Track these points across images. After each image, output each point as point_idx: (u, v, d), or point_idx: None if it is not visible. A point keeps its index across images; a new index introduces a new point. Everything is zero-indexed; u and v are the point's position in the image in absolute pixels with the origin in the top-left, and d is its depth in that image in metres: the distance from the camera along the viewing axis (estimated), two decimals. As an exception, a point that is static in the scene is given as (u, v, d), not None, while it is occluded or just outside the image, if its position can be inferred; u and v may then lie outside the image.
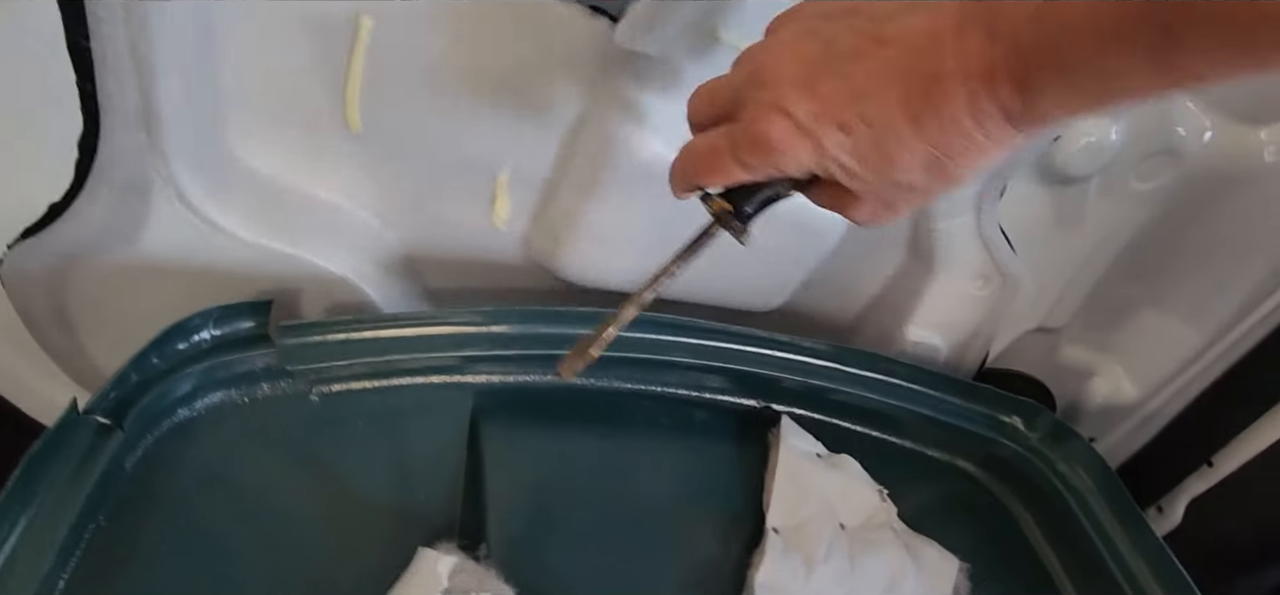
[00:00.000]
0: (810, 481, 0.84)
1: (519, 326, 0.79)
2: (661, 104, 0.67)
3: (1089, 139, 0.74)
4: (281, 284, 0.75)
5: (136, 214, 0.66)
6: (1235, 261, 0.88)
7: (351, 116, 0.69)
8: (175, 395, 0.66)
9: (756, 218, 0.51)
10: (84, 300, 0.74)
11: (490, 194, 0.76)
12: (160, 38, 0.56)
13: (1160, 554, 0.82)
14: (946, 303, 0.88)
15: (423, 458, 0.74)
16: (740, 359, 0.87)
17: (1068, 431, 0.88)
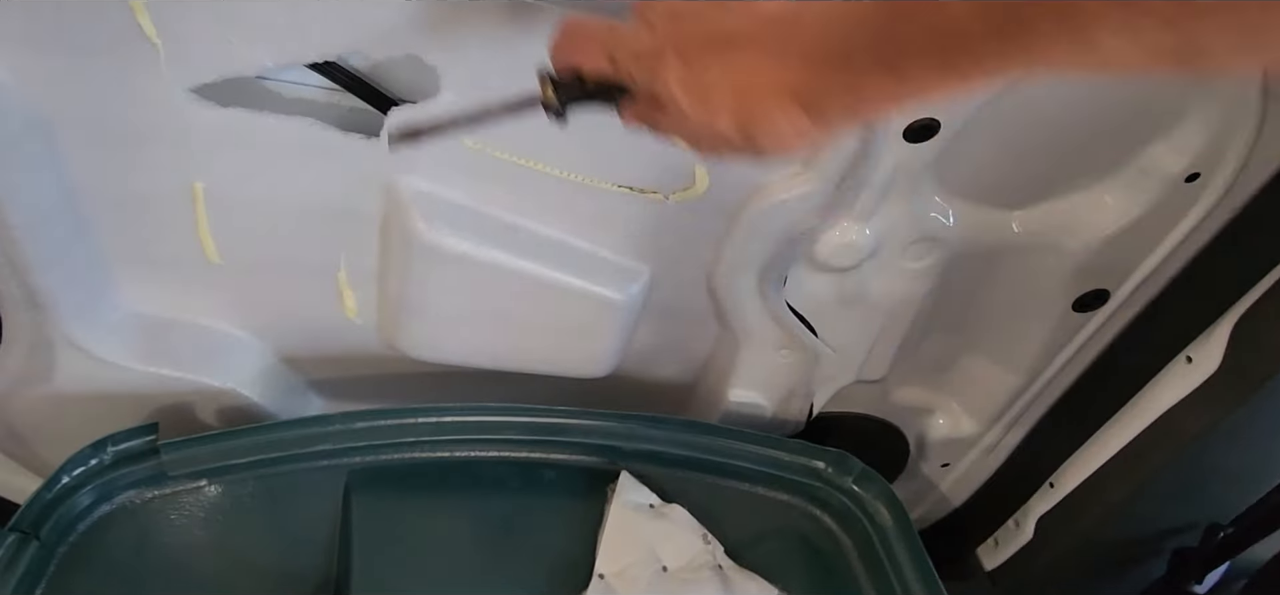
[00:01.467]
0: (637, 531, 0.97)
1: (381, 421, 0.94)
2: (436, 189, 0.80)
3: (843, 239, 0.85)
4: (176, 399, 0.91)
5: (46, 362, 0.83)
6: (1025, 315, 0.98)
7: (209, 251, 0.84)
8: (82, 507, 0.83)
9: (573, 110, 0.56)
10: (26, 421, 0.92)
11: (337, 292, 0.91)
12: (35, 255, 0.72)
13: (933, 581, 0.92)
14: (758, 369, 1.00)
15: (302, 529, 0.91)
16: (585, 431, 1.00)
17: (872, 475, 1.00)
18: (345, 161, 0.77)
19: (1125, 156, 0.79)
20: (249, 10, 0.64)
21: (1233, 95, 0.71)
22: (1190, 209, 0.80)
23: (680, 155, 0.78)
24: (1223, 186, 0.77)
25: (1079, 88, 0.72)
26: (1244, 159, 0.74)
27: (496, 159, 0.78)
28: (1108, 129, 0.76)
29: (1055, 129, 0.76)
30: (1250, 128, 0.71)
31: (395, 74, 0.75)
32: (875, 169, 0.76)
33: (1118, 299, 0.91)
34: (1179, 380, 0.94)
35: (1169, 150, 0.77)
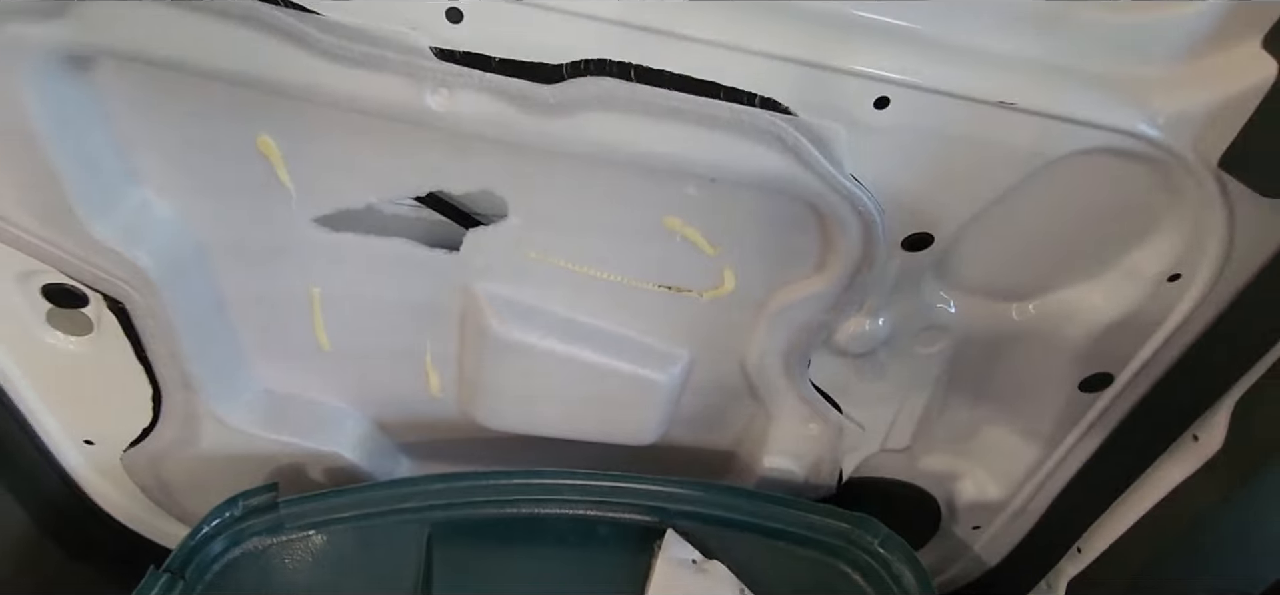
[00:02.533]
0: (680, 583, 1.09)
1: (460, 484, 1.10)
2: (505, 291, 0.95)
3: (858, 329, 0.95)
4: (292, 460, 1.09)
5: (192, 431, 1.02)
6: (1036, 392, 1.05)
7: (321, 340, 1.02)
8: (216, 552, 1.01)
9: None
10: (175, 477, 1.11)
11: (424, 373, 1.07)
12: (189, 352, 0.91)
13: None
14: (789, 440, 1.11)
15: (392, 573, 1.06)
16: (634, 494, 1.13)
17: (896, 539, 1.08)
18: (432, 270, 0.93)
19: (1109, 260, 0.88)
20: (358, 164, 0.81)
21: (1199, 203, 0.79)
22: (1176, 305, 0.87)
23: (711, 261, 0.92)
24: (1205, 284, 0.84)
25: (1061, 200, 0.82)
26: (1221, 259, 0.82)
27: (556, 266, 0.93)
28: (1091, 236, 0.85)
29: (1042, 237, 0.86)
30: (1221, 232, 0.79)
31: (472, 198, 0.91)
32: (880, 273, 0.87)
33: (1121, 382, 0.98)
34: (1187, 457, 1.00)
35: (1149, 255, 0.85)
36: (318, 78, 0.67)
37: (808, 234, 0.86)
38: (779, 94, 0.69)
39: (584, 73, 0.67)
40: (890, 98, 0.69)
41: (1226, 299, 0.87)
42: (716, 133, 0.71)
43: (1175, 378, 0.96)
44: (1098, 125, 0.71)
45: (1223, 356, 0.92)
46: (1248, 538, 1.03)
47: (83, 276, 0.81)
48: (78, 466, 1.10)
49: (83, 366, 0.94)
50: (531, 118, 0.70)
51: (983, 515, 1.25)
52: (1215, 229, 0.79)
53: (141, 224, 0.81)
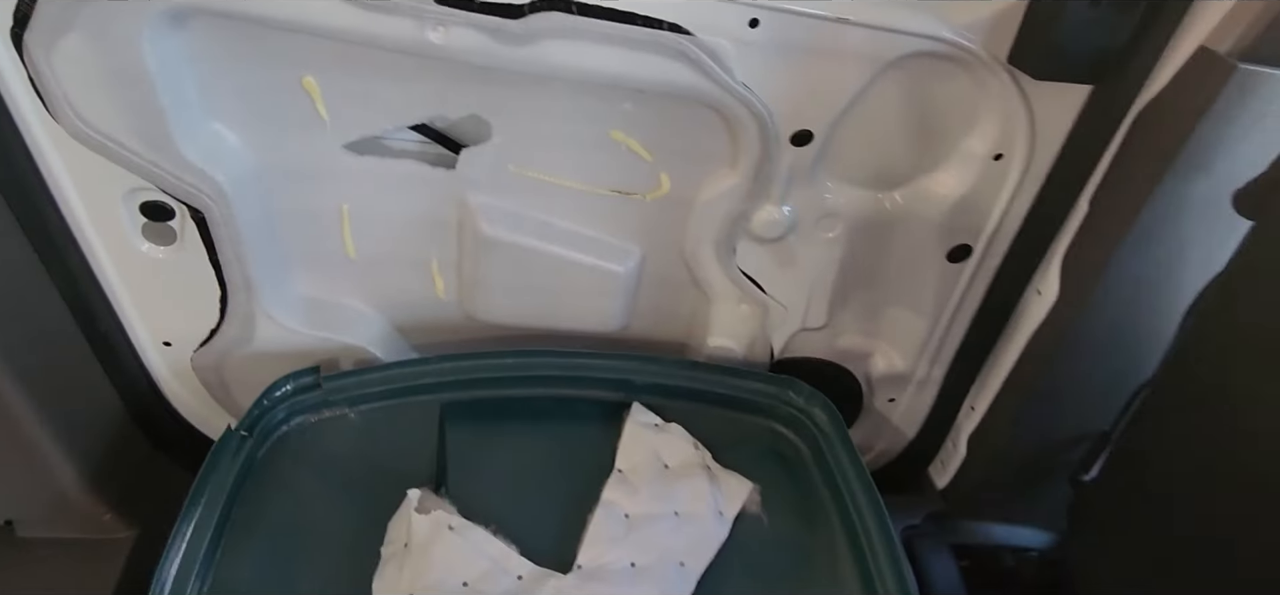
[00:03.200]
0: (645, 441, 1.35)
1: (464, 363, 1.36)
2: (492, 200, 1.21)
3: (769, 217, 1.22)
4: (330, 353, 1.36)
5: (249, 330, 1.29)
6: (917, 268, 1.32)
7: (349, 249, 1.28)
8: (278, 418, 1.27)
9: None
10: (233, 374, 1.38)
11: (431, 278, 1.34)
12: (250, 256, 1.17)
13: (862, 472, 1.26)
14: (728, 321, 1.38)
15: (414, 443, 1.32)
16: (604, 370, 1.39)
17: (814, 393, 1.35)
18: (435, 186, 1.20)
19: (949, 147, 1.15)
20: (379, 95, 1.08)
21: (1001, 93, 1.05)
22: (1006, 179, 1.14)
23: (650, 166, 1.18)
24: (1023, 159, 1.11)
25: (904, 99, 1.08)
26: (1029, 137, 1.08)
27: (530, 177, 1.20)
28: (932, 128, 1.12)
29: (895, 131, 1.12)
30: (1022, 114, 1.06)
31: (463, 127, 1.18)
32: (776, 167, 1.13)
33: (979, 251, 1.24)
34: (1035, 309, 1.26)
35: (976, 140, 1.12)
36: (353, 22, 0.94)
37: (719, 137, 1.13)
38: (681, 19, 0.96)
39: (540, 9, 0.94)
40: (759, 19, 0.96)
41: (1044, 170, 1.13)
42: (639, 53, 0.99)
43: (1018, 242, 1.22)
44: (914, 33, 0.98)
45: (1049, 219, 1.19)
46: (1091, 375, 1.28)
47: (175, 190, 1.08)
48: (158, 366, 1.36)
49: (168, 273, 1.21)
50: (506, 46, 0.97)
51: (895, 388, 1.51)
52: (1017, 113, 1.06)
53: (218, 149, 1.09)
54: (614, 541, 1.21)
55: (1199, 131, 0.93)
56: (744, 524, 1.27)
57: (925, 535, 1.58)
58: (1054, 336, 1.24)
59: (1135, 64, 0.97)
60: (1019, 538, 1.61)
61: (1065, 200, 1.14)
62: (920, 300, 1.35)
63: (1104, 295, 1.15)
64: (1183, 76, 0.94)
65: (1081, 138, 1.07)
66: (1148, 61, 0.96)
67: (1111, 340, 1.22)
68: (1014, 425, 1.38)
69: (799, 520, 1.30)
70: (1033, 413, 1.35)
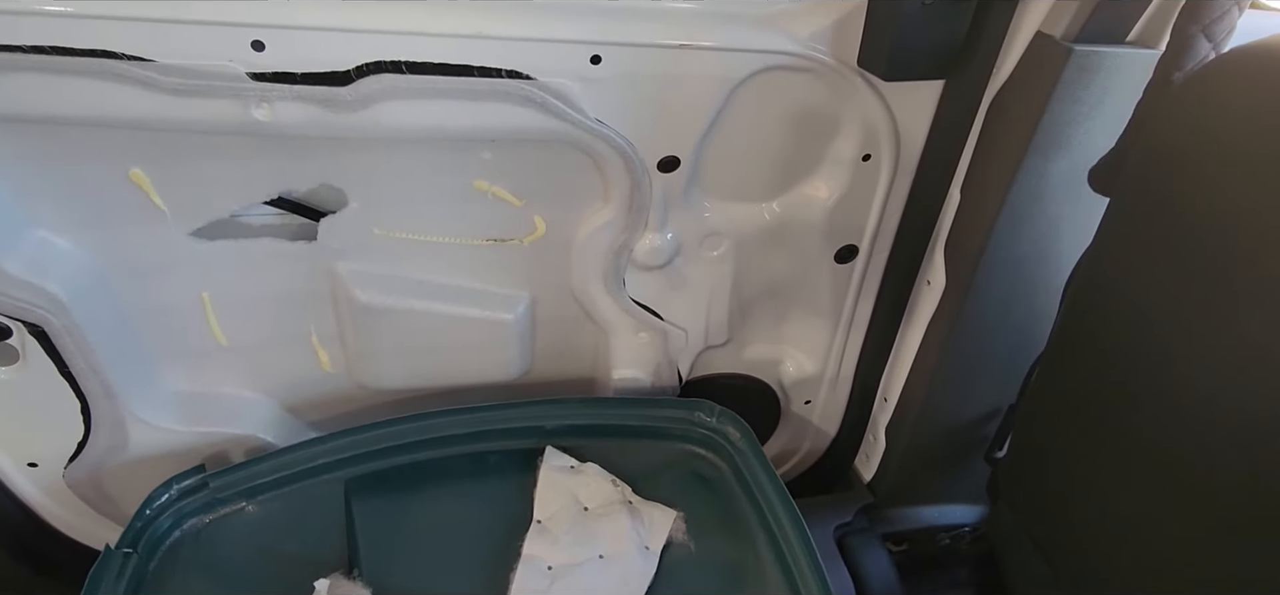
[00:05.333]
0: (561, 485, 1.31)
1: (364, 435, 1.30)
2: (362, 266, 1.16)
3: (651, 244, 1.19)
4: (216, 448, 1.28)
5: (122, 437, 1.21)
6: (809, 272, 1.31)
7: (218, 336, 1.21)
8: (164, 527, 1.19)
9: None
10: (114, 485, 1.29)
11: (313, 351, 1.27)
12: (105, 363, 1.10)
13: (777, 483, 1.24)
14: (628, 351, 1.35)
15: (319, 527, 1.25)
16: (512, 418, 1.35)
17: (726, 412, 1.33)
18: (299, 259, 1.14)
19: (818, 154, 1.14)
20: (216, 178, 1.02)
21: (856, 96, 1.04)
22: (878, 177, 1.13)
23: (521, 211, 1.14)
24: (891, 156, 1.10)
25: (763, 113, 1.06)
26: (893, 135, 1.08)
27: (398, 238, 1.15)
28: (797, 138, 1.11)
29: (761, 146, 1.11)
30: (882, 113, 1.05)
31: (320, 195, 1.12)
32: (648, 195, 1.10)
33: (865, 249, 1.23)
34: (927, 299, 1.27)
35: (843, 143, 1.11)
36: (165, 110, 0.87)
37: (587, 173, 1.10)
38: (518, 65, 0.92)
39: (368, 73, 0.89)
40: (601, 55, 0.93)
41: (913, 164, 1.13)
42: (481, 103, 0.94)
43: (901, 237, 1.22)
44: (759, 50, 0.96)
45: (927, 211, 1.19)
46: (987, 355, 1.29)
47: (4, 309, 1.00)
48: (26, 490, 1.27)
49: (16, 393, 1.12)
50: (339, 114, 0.92)
51: (809, 390, 1.50)
52: (876, 112, 1.05)
53: (46, 257, 1.01)
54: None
55: (1049, 114, 0.93)
56: (672, 553, 1.24)
57: (857, 531, 1.58)
58: (947, 322, 1.24)
59: (979, 55, 0.97)
60: (949, 516, 1.62)
61: (938, 191, 1.14)
62: (817, 303, 1.34)
63: (986, 278, 1.15)
64: (1026, 62, 0.94)
65: (943, 130, 1.06)
66: (991, 51, 0.96)
67: (1001, 320, 1.23)
68: (924, 411, 1.39)
69: (725, 540, 1.27)
70: (940, 397, 1.36)
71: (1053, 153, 0.98)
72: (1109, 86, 0.91)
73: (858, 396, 1.49)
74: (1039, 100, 0.93)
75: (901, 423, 1.45)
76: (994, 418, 1.40)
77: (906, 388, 1.39)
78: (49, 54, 0.81)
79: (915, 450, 1.47)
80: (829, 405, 1.52)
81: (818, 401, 1.51)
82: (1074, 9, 0.87)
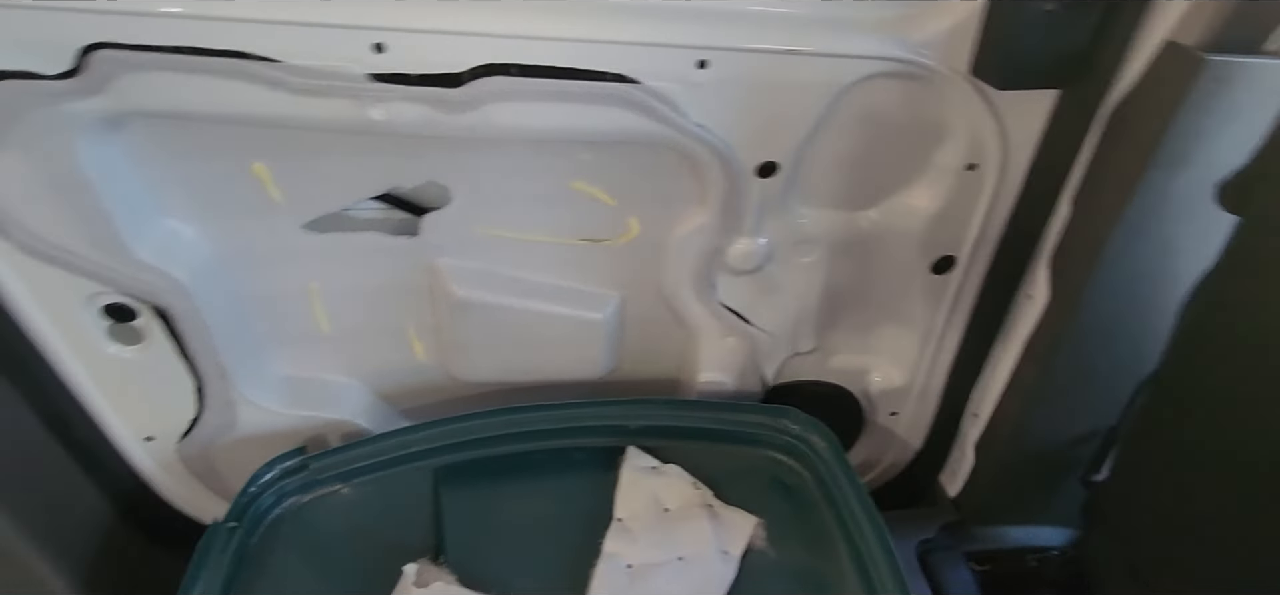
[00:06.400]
0: (643, 485, 1.32)
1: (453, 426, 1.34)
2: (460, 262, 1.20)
3: (744, 250, 1.19)
4: (316, 429, 1.34)
5: (231, 416, 1.27)
6: (903, 282, 1.28)
7: (323, 325, 1.26)
8: (267, 504, 1.25)
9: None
10: (222, 460, 1.36)
11: (409, 343, 1.31)
12: (220, 345, 1.15)
13: (862, 494, 1.22)
14: (715, 355, 1.34)
15: (408, 512, 1.29)
16: (596, 417, 1.36)
17: (811, 420, 1.31)
18: (401, 254, 1.18)
19: (920, 162, 1.11)
20: (330, 174, 1.06)
21: (965, 105, 1.01)
22: (982, 188, 1.10)
23: (615, 212, 1.15)
24: (997, 166, 1.07)
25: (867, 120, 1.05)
26: (1001, 145, 1.04)
27: (496, 235, 1.17)
28: (900, 146, 1.08)
29: (862, 153, 1.09)
30: (991, 123, 1.02)
31: (424, 192, 1.15)
32: (745, 200, 1.10)
33: (963, 261, 1.20)
34: (1028, 314, 1.22)
35: (947, 152, 1.08)
36: (289, 109, 0.91)
37: (684, 176, 1.10)
38: (625, 69, 0.93)
39: (479, 75, 0.91)
40: (708, 60, 0.93)
41: (1020, 176, 1.09)
42: (586, 105, 0.96)
43: (1003, 249, 1.18)
44: (869, 56, 0.94)
45: (1032, 224, 1.15)
46: (1090, 374, 1.24)
47: (134, 291, 1.06)
48: (143, 462, 1.35)
49: (139, 371, 1.19)
50: (449, 115, 0.95)
51: (896, 401, 1.47)
52: (986, 123, 1.02)
53: (173, 245, 1.07)
54: (619, 594, 1.19)
55: (1175, 126, 0.89)
56: (751, 560, 1.24)
57: (940, 547, 1.54)
58: (1049, 339, 1.20)
59: (1101, 63, 0.93)
60: (1038, 538, 1.57)
61: (1046, 204, 1.10)
62: (910, 314, 1.31)
63: (1095, 295, 1.11)
64: (1153, 73, 0.90)
65: (1055, 140, 1.03)
66: (1114, 60, 0.92)
67: (1107, 338, 1.18)
68: (1019, 429, 1.34)
69: (806, 550, 1.26)
70: (1036, 415, 1.31)
71: (1176, 167, 0.94)
72: (1242, 99, 0.86)
73: (946, 410, 1.45)
74: (1165, 112, 0.89)
75: (992, 439, 1.41)
76: (1092, 439, 1.35)
77: (1000, 404, 1.35)
78: (189, 54, 0.86)
79: (1006, 468, 1.43)
80: (915, 418, 1.49)
81: (904, 413, 1.48)
82: (1208, 17, 0.83)
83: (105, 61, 0.86)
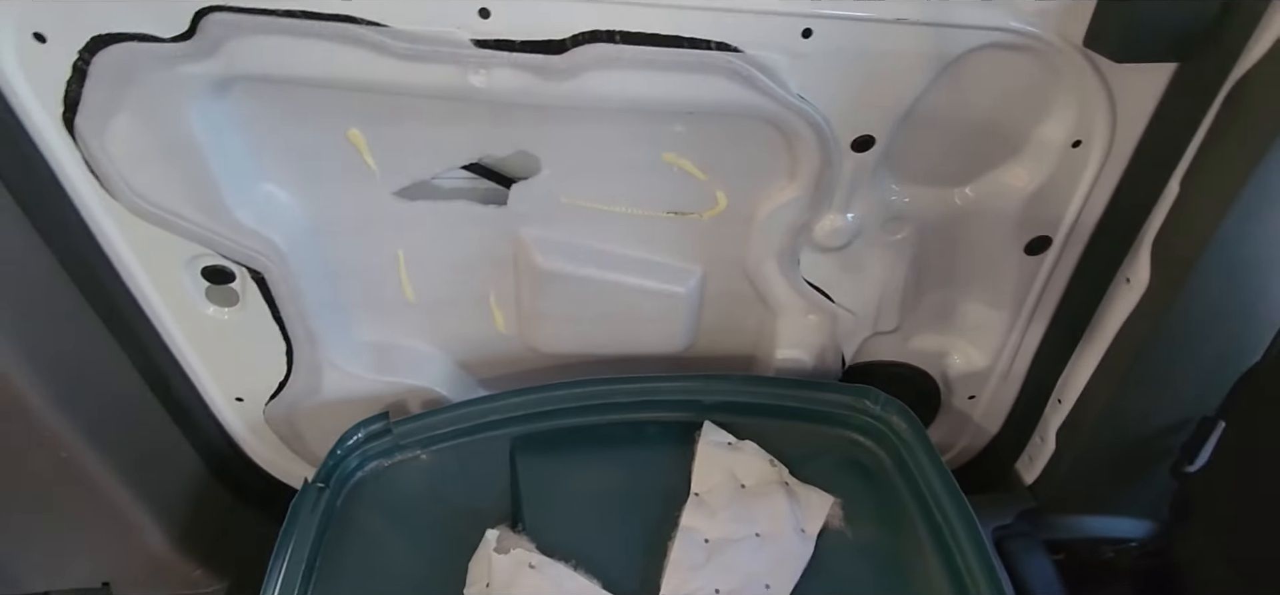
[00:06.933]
0: (719, 460, 1.32)
1: (531, 396, 1.35)
2: (545, 233, 1.20)
3: (832, 226, 1.17)
4: (397, 395, 1.36)
5: (317, 380, 1.30)
6: (993, 263, 1.25)
7: (408, 293, 1.28)
8: (352, 466, 1.28)
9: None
10: (306, 423, 1.39)
11: (490, 313, 1.32)
12: (311, 310, 1.18)
13: (945, 475, 1.20)
14: (794, 332, 1.33)
15: (487, 480, 1.31)
16: (673, 391, 1.36)
17: (891, 400, 1.30)
18: (487, 223, 1.18)
19: (1022, 137, 1.07)
20: (424, 141, 1.07)
21: (1076, 78, 0.98)
22: (1085, 166, 1.06)
23: (704, 185, 1.14)
24: (1104, 144, 1.03)
25: (971, 93, 1.02)
26: (1109, 120, 1.00)
27: (582, 206, 1.17)
28: (1002, 120, 1.05)
29: (963, 127, 1.06)
30: (1101, 98, 0.98)
31: (512, 162, 1.16)
32: (838, 175, 1.08)
33: (1059, 241, 1.17)
34: (1124, 298, 1.19)
35: (1052, 127, 1.05)
36: (393, 74, 0.92)
37: (776, 149, 1.09)
38: (728, 37, 0.92)
39: (582, 42, 0.91)
40: (812, 28, 0.91)
41: (1127, 153, 1.05)
42: (687, 74, 0.95)
43: (1102, 230, 1.14)
44: (979, 27, 0.92)
45: (1135, 204, 1.11)
46: (1189, 362, 1.20)
47: (233, 254, 1.09)
48: (233, 423, 1.39)
49: (233, 333, 1.22)
50: (548, 82, 0.95)
51: (975, 384, 1.44)
52: (1095, 96, 0.98)
53: (271, 209, 1.09)
54: (696, 568, 1.18)
55: (1304, 104, 0.85)
56: (827, 539, 1.23)
57: (1017, 534, 1.51)
58: (1147, 324, 1.16)
59: (1226, 38, 0.89)
60: (1117, 529, 1.53)
61: (1152, 184, 1.06)
62: (997, 296, 1.28)
63: (1201, 280, 1.07)
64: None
65: (1168, 118, 0.99)
66: (1240, 35, 0.88)
67: (1211, 325, 1.14)
68: (1106, 416, 1.30)
69: (884, 530, 1.25)
70: (1127, 403, 1.27)
71: (1300, 148, 0.90)
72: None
73: (1028, 395, 1.41)
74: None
75: (1076, 426, 1.37)
76: (1184, 428, 1.31)
77: (1087, 390, 1.31)
78: (299, 18, 0.87)
79: (1089, 456, 1.39)
80: (995, 402, 1.45)
81: (983, 397, 1.45)
82: (1352, -11, 0.79)
83: (218, 24, 0.88)
